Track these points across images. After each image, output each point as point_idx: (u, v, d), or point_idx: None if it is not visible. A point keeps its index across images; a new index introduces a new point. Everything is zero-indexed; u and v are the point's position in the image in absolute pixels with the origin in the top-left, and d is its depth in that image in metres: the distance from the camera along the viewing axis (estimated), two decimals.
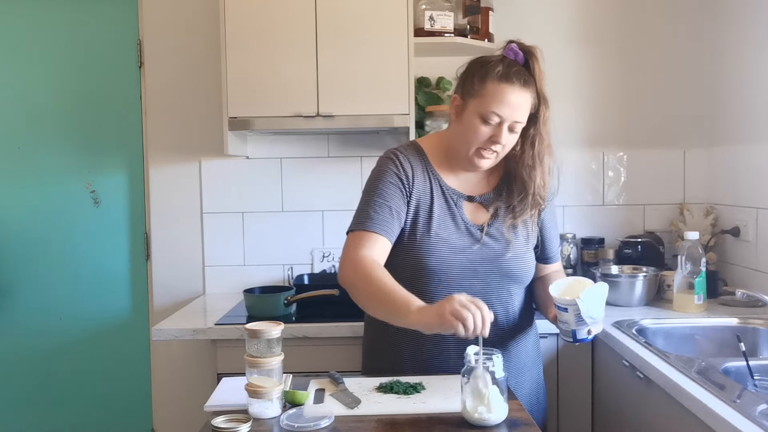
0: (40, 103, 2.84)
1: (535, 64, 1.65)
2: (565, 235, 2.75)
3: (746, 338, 1.94)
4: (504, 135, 1.62)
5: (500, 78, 1.61)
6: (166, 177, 2.84)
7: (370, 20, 2.42)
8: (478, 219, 1.71)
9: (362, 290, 1.58)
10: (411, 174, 1.70)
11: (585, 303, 1.54)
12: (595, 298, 1.55)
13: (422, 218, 1.68)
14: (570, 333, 1.60)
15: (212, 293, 2.83)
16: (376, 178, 1.71)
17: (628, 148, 2.86)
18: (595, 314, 1.56)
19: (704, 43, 2.82)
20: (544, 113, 1.67)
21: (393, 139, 2.76)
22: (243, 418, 1.36)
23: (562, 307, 1.58)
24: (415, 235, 1.67)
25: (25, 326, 2.86)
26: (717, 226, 2.68)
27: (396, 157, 1.72)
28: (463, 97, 1.67)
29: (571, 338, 1.60)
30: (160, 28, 2.81)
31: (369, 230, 1.62)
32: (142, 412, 2.89)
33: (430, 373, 1.65)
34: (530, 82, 1.63)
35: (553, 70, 2.79)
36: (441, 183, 1.72)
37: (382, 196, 1.66)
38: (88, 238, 2.86)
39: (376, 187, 1.68)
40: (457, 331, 1.38)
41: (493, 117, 1.61)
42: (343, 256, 1.65)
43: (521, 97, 1.61)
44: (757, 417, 1.32)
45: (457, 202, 1.71)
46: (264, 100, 2.44)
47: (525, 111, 1.63)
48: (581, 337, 1.59)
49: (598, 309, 1.57)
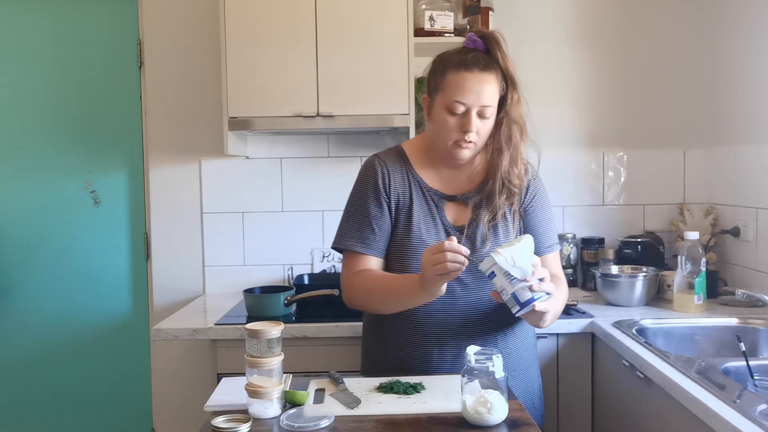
0: (40, 103, 2.84)
1: (495, 48, 1.64)
2: (565, 235, 2.75)
3: (746, 338, 1.94)
4: (473, 122, 1.61)
5: (457, 67, 1.62)
6: (166, 177, 2.84)
7: (370, 20, 2.42)
8: (460, 219, 1.70)
9: (369, 301, 1.69)
10: (389, 181, 1.71)
11: (504, 256, 1.43)
12: (516, 250, 1.45)
13: (402, 220, 1.69)
14: (513, 300, 1.46)
15: (212, 293, 2.83)
16: (357, 192, 1.75)
17: (628, 148, 2.86)
18: (522, 264, 1.43)
19: (704, 43, 2.82)
20: (512, 95, 1.64)
21: (393, 139, 2.76)
22: (243, 418, 1.36)
23: (490, 276, 1.47)
24: (395, 238, 1.69)
25: (25, 326, 2.86)
26: (717, 226, 2.68)
27: (373, 167, 1.74)
28: (430, 95, 1.69)
29: (517, 306, 1.46)
30: (160, 28, 2.81)
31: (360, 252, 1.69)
32: (142, 412, 2.89)
33: (429, 373, 1.65)
34: (491, 65, 1.62)
35: (554, 70, 2.85)
36: (421, 184, 1.72)
37: (363, 214, 1.71)
38: (88, 238, 2.86)
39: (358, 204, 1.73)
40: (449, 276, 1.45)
41: (458, 106, 1.61)
42: (342, 278, 1.74)
43: (482, 81, 1.60)
44: (757, 417, 1.32)
45: (437, 203, 1.71)
46: (264, 100, 2.44)
47: (490, 95, 1.61)
48: (526, 299, 1.45)
49: (525, 260, 1.44)
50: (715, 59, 2.77)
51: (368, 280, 1.67)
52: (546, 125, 2.82)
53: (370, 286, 1.67)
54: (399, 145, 1.81)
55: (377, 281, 1.66)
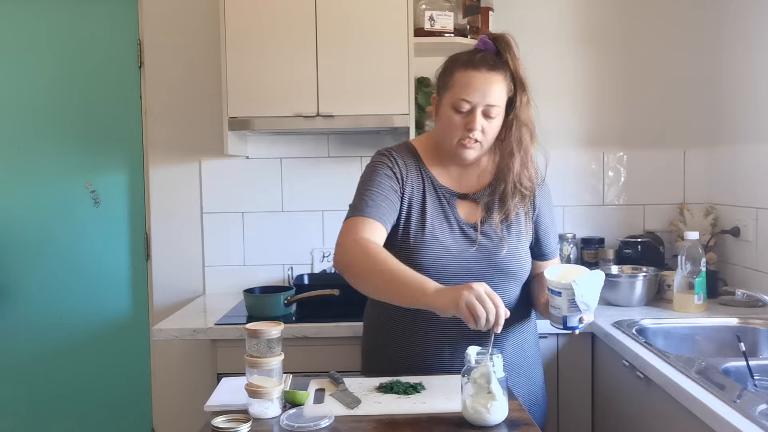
0: (40, 103, 2.84)
1: (506, 50, 1.65)
2: (565, 235, 2.75)
3: (746, 338, 1.94)
4: (478, 121, 1.61)
5: (465, 66, 1.63)
6: (166, 177, 2.84)
7: (370, 20, 2.42)
8: (472, 217, 1.70)
9: (365, 270, 1.53)
10: (404, 171, 1.70)
11: (580, 288, 1.49)
12: (590, 284, 1.51)
13: (415, 217, 1.68)
14: (561, 319, 1.54)
15: (212, 293, 2.83)
16: (371, 172, 1.71)
17: (628, 148, 2.86)
18: (589, 301, 1.51)
19: (705, 43, 2.82)
20: (521, 97, 1.65)
21: (393, 139, 2.75)
22: (243, 418, 1.36)
23: (555, 291, 1.53)
24: (408, 235, 1.67)
25: (26, 326, 2.86)
26: (717, 226, 2.68)
27: (389, 154, 1.73)
28: (438, 93, 1.70)
29: (561, 325, 1.55)
30: (160, 28, 2.81)
31: (366, 216, 1.61)
32: (142, 412, 2.89)
33: (429, 373, 1.65)
34: (499, 65, 1.63)
35: (554, 70, 2.85)
36: (434, 181, 1.72)
37: (377, 187, 1.66)
38: (88, 238, 2.86)
39: (371, 180, 1.68)
40: (468, 324, 1.39)
41: (463, 104, 1.62)
42: (340, 238, 1.60)
43: (488, 80, 1.61)
44: (757, 417, 1.32)
45: (449, 201, 1.71)
46: (264, 100, 2.44)
47: (496, 95, 1.62)
48: (572, 325, 1.54)
49: (593, 296, 1.52)
50: (715, 59, 2.77)
51: (378, 250, 1.53)
52: (546, 125, 2.79)
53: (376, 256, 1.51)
54: (407, 142, 1.81)
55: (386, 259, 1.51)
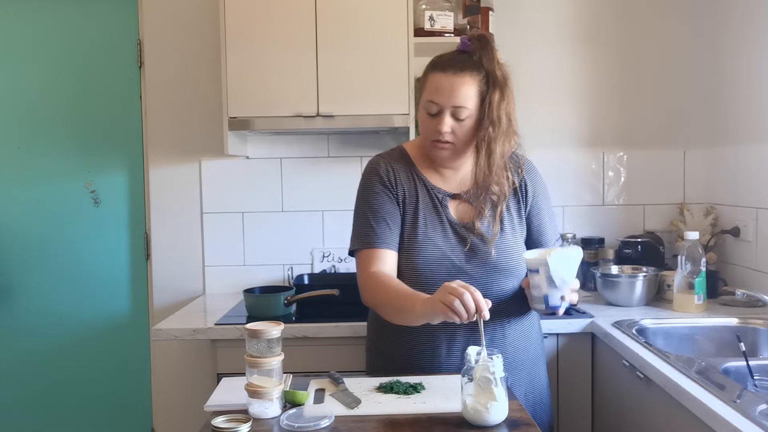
0: (40, 103, 2.84)
1: (479, 49, 1.65)
2: (565, 235, 2.75)
3: (746, 338, 1.94)
4: (446, 122, 1.63)
5: (433, 68, 1.68)
6: (166, 177, 2.84)
7: (370, 20, 2.42)
8: (464, 216, 1.72)
9: (381, 304, 1.64)
10: (394, 177, 1.73)
11: (555, 262, 1.50)
12: (566, 259, 1.52)
13: (409, 218, 1.70)
14: (542, 299, 1.56)
15: (212, 293, 2.83)
16: (365, 190, 1.75)
17: (628, 148, 2.86)
18: (566, 276, 1.52)
19: (704, 43, 2.82)
20: (492, 96, 1.63)
21: (393, 139, 2.76)
22: (243, 418, 1.36)
23: (533, 270, 1.55)
24: (402, 236, 1.70)
25: (25, 326, 2.86)
26: (717, 226, 2.68)
27: (378, 164, 1.76)
28: (416, 96, 1.74)
29: (543, 305, 1.57)
30: (160, 28, 2.81)
31: (373, 247, 1.67)
32: (142, 412, 2.89)
33: (429, 372, 1.65)
34: (470, 66, 1.63)
35: (554, 70, 2.85)
36: (425, 182, 1.74)
37: (375, 210, 1.70)
38: (88, 238, 2.86)
39: (367, 201, 1.72)
40: (449, 318, 1.42)
41: (431, 106, 1.65)
42: (359, 277, 1.70)
43: (455, 82, 1.62)
44: (757, 417, 1.32)
45: (442, 201, 1.72)
46: (264, 100, 2.44)
47: (464, 96, 1.62)
48: (554, 304, 1.55)
49: (570, 272, 1.54)
50: (716, 59, 2.77)
51: (385, 282, 1.62)
52: (546, 125, 2.83)
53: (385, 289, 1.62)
54: (400, 146, 1.83)
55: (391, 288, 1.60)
